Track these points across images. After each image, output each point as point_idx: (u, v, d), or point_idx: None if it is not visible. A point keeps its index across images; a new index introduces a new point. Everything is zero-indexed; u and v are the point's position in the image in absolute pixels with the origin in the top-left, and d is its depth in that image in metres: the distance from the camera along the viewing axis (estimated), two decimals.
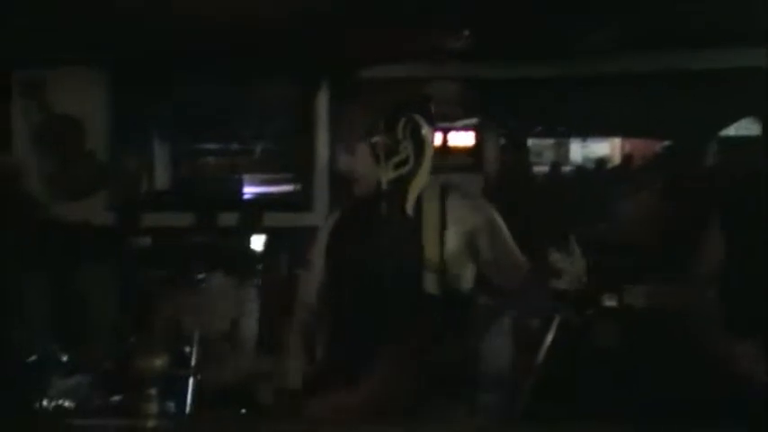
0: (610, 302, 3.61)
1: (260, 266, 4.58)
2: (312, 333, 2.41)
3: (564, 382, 3.21)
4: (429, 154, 2.18)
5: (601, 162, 7.32)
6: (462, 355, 2.18)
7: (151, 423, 1.60)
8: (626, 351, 3.60)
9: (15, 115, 4.62)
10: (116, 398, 3.04)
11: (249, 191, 5.18)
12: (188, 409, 2.98)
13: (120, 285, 4.54)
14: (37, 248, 4.01)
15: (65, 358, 3.11)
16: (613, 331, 3.63)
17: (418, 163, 2.16)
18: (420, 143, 2.16)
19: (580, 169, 7.44)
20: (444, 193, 2.24)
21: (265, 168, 5.22)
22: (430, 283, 2.15)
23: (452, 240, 2.19)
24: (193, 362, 3.10)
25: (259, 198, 5.10)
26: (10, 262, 3.89)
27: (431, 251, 2.17)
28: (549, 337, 2.97)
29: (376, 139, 2.14)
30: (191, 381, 3.07)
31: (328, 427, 1.78)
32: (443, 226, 2.19)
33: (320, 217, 4.61)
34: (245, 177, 5.25)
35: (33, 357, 3.06)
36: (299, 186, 4.95)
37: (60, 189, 4.58)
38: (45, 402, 2.97)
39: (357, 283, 2.24)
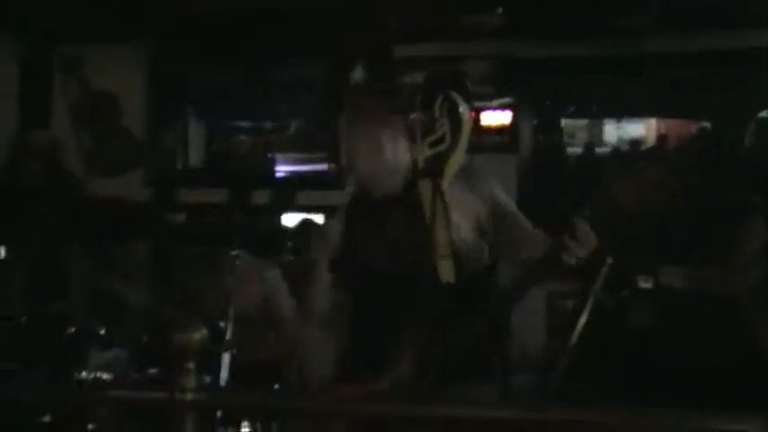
0: (645, 284, 3.59)
1: (292, 244, 4.60)
2: (334, 311, 2.37)
3: (598, 364, 3.20)
4: (466, 132, 2.13)
5: (636, 143, 7.24)
6: (487, 337, 2.15)
7: (189, 396, 1.62)
8: (661, 333, 3.58)
9: (54, 93, 4.68)
10: (153, 371, 3.10)
11: (282, 169, 5.19)
12: (222, 383, 3.02)
13: (156, 260, 4.60)
14: (75, 224, 4.07)
15: (102, 332, 3.17)
16: (649, 313, 3.60)
17: (455, 141, 2.12)
18: (457, 121, 2.12)
19: (614, 150, 7.37)
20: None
21: (299, 147, 5.22)
22: (447, 269, 2.13)
23: (462, 228, 2.17)
24: (228, 337, 3.14)
25: (292, 176, 5.11)
26: (50, 238, 3.95)
27: (443, 240, 2.14)
28: (583, 319, 2.96)
29: (413, 116, 2.10)
30: (225, 356, 3.11)
31: (358, 404, 1.78)
32: (448, 215, 2.16)
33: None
34: (279, 155, 5.27)
35: (72, 330, 3.12)
36: (332, 165, 4.95)
37: (97, 165, 4.64)
38: (83, 374, 3.03)
39: (376, 262, 2.22)
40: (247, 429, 3.10)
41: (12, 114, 4.61)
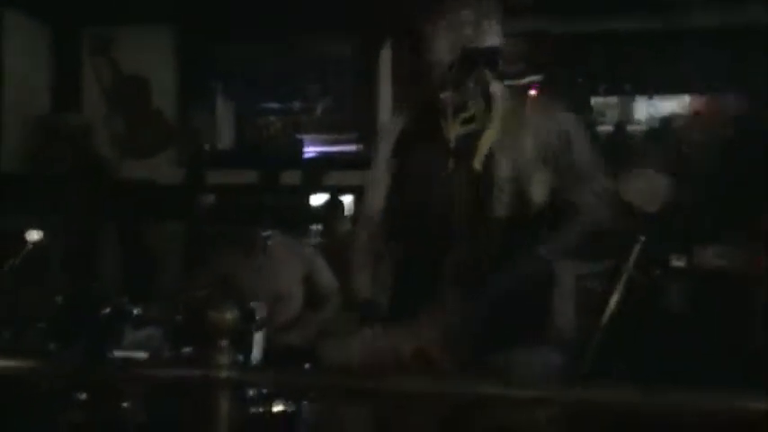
0: (678, 263, 3.55)
1: (322, 224, 4.63)
2: (376, 255, 2.32)
3: (630, 344, 3.18)
4: (498, 110, 2.09)
5: (668, 120, 7.13)
6: (540, 288, 2.06)
7: (224, 373, 1.64)
8: (694, 312, 3.55)
9: (86, 76, 4.72)
10: (186, 350, 3.14)
11: (311, 150, 5.20)
12: (255, 362, 3.05)
13: (187, 241, 4.65)
14: (108, 206, 4.12)
15: (136, 311, 3.20)
16: (681, 292, 3.57)
17: (487, 119, 2.07)
18: (489, 99, 2.08)
19: (646, 128, 7.28)
20: (523, 97, 2.16)
21: (328, 127, 5.23)
22: (500, 203, 2.06)
23: (529, 148, 2.09)
24: (259, 316, 3.17)
25: (321, 156, 5.12)
26: (83, 220, 4.01)
27: (503, 163, 2.07)
28: (615, 299, 2.94)
29: (444, 94, 2.06)
30: (257, 335, 3.14)
31: (390, 381, 1.79)
32: (519, 132, 2.09)
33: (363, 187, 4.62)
34: (308, 136, 5.28)
35: (107, 310, 3.16)
36: (361, 145, 4.95)
37: (129, 147, 4.69)
38: (118, 353, 3.07)
39: (421, 204, 2.16)
40: (279, 407, 3.14)
41: (44, 98, 4.66)
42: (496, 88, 2.10)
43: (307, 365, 3.47)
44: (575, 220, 2.04)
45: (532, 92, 5.12)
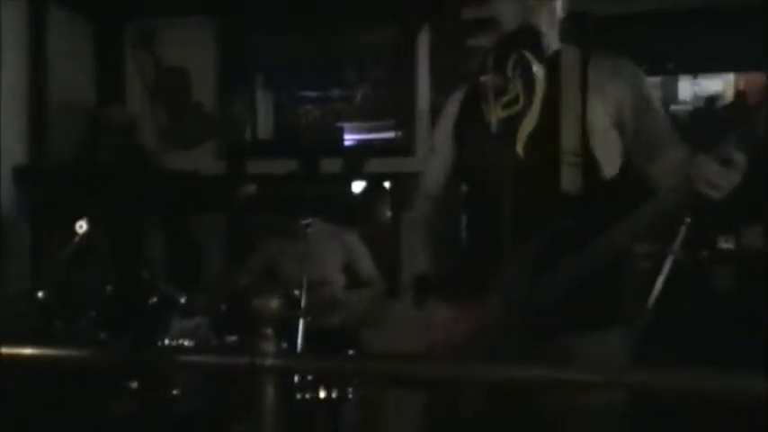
0: (726, 244, 3.49)
1: (364, 212, 4.64)
2: (435, 230, 2.29)
3: (677, 326, 3.14)
4: (540, 92, 2.03)
5: (712, 99, 7.00)
6: (611, 267, 1.96)
7: (269, 361, 1.65)
8: (742, 294, 3.49)
9: (129, 69, 4.78)
10: (231, 338, 3.18)
11: (350, 137, 5.21)
12: (299, 350, 3.08)
13: (230, 231, 4.70)
14: (153, 197, 4.17)
15: (183, 301, 3.25)
16: (729, 274, 3.51)
17: (529, 102, 2.02)
18: (530, 81, 2.02)
19: (690, 107, 7.16)
20: (585, 59, 2.07)
21: (367, 114, 5.22)
22: (571, 177, 1.98)
23: (596, 114, 2.01)
24: (303, 304, 3.19)
25: (361, 144, 5.13)
26: (130, 211, 4.07)
27: (569, 134, 1.99)
28: (661, 281, 2.90)
29: (485, 78, 2.02)
30: (301, 323, 3.16)
31: (436, 366, 1.78)
32: (585, 98, 2.01)
33: (423, 162, 4.61)
34: (347, 124, 5.29)
35: (154, 300, 3.21)
36: (400, 131, 4.95)
37: (171, 139, 4.74)
38: (165, 342, 3.12)
39: (483, 179, 2.10)
40: (324, 394, 3.16)
41: (89, 93, 4.73)
42: (538, 71, 2.04)
43: (350, 352, 3.51)
44: (654, 199, 1.92)
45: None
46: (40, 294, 2.96)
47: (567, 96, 2.03)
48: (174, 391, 3.04)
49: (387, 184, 4.76)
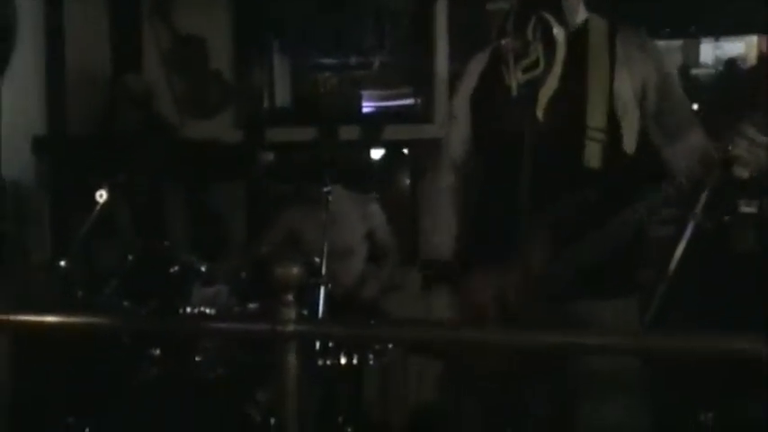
0: (748, 208, 3.45)
1: (383, 179, 4.64)
2: (457, 197, 2.29)
3: (698, 290, 3.13)
4: (561, 56, 2.00)
5: (734, 63, 6.90)
6: (630, 240, 1.96)
7: (290, 327, 1.67)
8: (765, 258, 3.46)
9: (145, 38, 4.77)
10: (252, 305, 3.20)
11: (369, 104, 5.20)
12: (320, 316, 3.10)
13: (251, 199, 4.71)
14: (173, 166, 4.19)
15: (203, 269, 3.27)
16: (751, 237, 3.47)
17: (549, 65, 1.99)
18: (551, 44, 1.99)
19: (712, 71, 7.07)
20: (613, 31, 2.06)
21: (385, 81, 5.20)
22: (594, 153, 1.98)
23: (623, 86, 2.01)
24: (323, 272, 3.21)
25: (379, 111, 5.11)
26: (149, 180, 4.09)
27: (596, 108, 1.98)
28: (682, 246, 2.89)
29: (505, 41, 2.00)
30: (321, 290, 3.18)
31: (454, 332, 1.79)
32: (612, 69, 2.00)
33: (441, 128, 4.60)
34: (365, 90, 5.27)
35: (176, 268, 3.23)
36: (419, 98, 4.92)
37: (189, 108, 4.74)
38: (187, 310, 3.15)
39: (503, 145, 2.09)
40: (345, 360, 3.19)
41: (106, 60, 4.73)
42: (559, 33, 2.01)
43: (371, 321, 3.53)
44: (671, 181, 1.92)
45: None
46: (61, 264, 2.98)
47: (596, 67, 2.02)
48: (197, 358, 3.07)
49: (405, 151, 4.75)
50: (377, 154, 4.83)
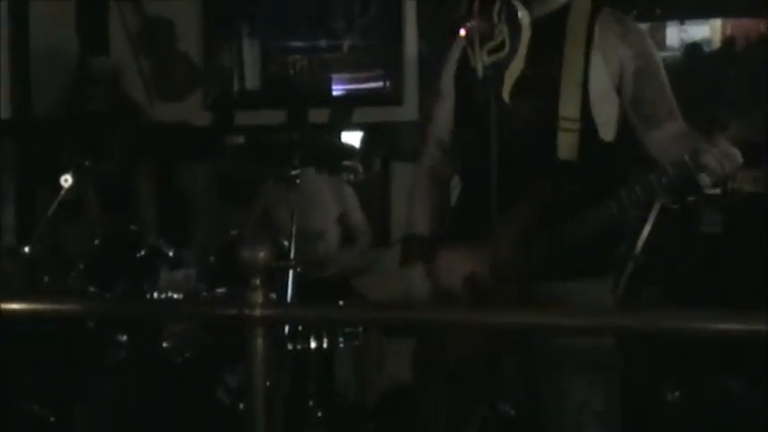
0: (712, 190, 3.49)
1: (352, 161, 4.62)
2: (442, 173, 2.30)
3: (664, 270, 3.17)
4: (525, 39, 1.99)
5: (699, 46, 6.94)
6: (605, 228, 1.93)
7: (258, 311, 1.66)
8: (729, 238, 3.50)
9: (112, 19, 4.71)
10: (221, 290, 3.18)
11: (339, 87, 5.17)
12: (288, 300, 3.09)
13: (219, 182, 4.68)
14: (141, 148, 4.15)
15: (171, 253, 3.24)
16: (716, 218, 3.51)
17: (514, 48, 1.98)
18: (516, 27, 1.98)
19: (677, 54, 7.10)
20: (594, 13, 2.03)
21: (355, 64, 5.17)
22: (568, 144, 1.97)
23: (598, 74, 1.99)
24: (292, 255, 3.19)
25: (349, 93, 5.09)
26: (117, 163, 4.05)
27: (568, 96, 1.97)
28: (649, 226, 2.91)
29: (470, 24, 1.99)
30: (290, 273, 3.17)
31: (429, 312, 1.79)
32: (588, 56, 1.98)
33: (410, 111, 4.59)
34: (335, 73, 5.24)
35: (142, 253, 3.20)
36: (388, 81, 4.91)
37: (158, 90, 4.69)
38: (155, 295, 3.12)
39: (474, 127, 2.07)
40: (314, 344, 3.18)
41: (72, 42, 4.66)
42: (524, 16, 1.99)
43: (341, 303, 3.52)
44: (654, 174, 1.87)
45: None
46: (26, 249, 2.94)
47: (570, 51, 2.00)
48: (165, 344, 3.05)
49: (375, 134, 4.74)
50: (348, 136, 4.82)
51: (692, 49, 6.78)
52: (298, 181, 3.30)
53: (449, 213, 2.27)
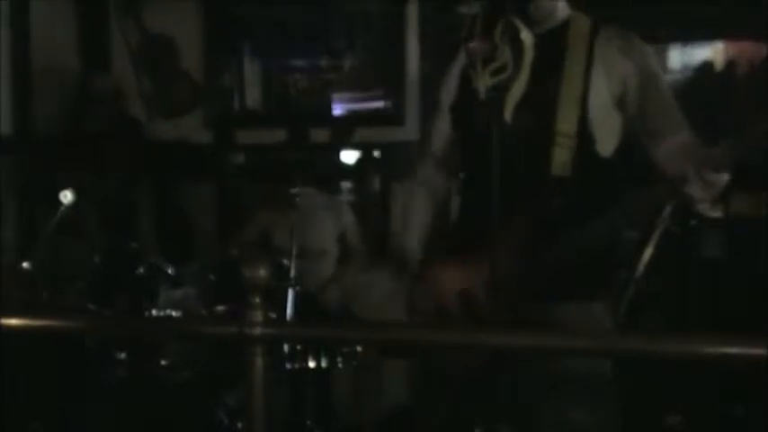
0: (714, 213, 3.49)
1: (353, 181, 4.63)
2: (436, 187, 2.29)
3: (665, 294, 3.16)
4: (528, 60, 1.99)
5: (701, 68, 6.97)
6: (600, 246, 1.94)
7: (257, 330, 1.65)
8: (731, 262, 3.50)
9: (113, 37, 4.72)
10: (220, 308, 3.17)
11: (340, 106, 5.19)
12: (288, 319, 3.08)
13: (219, 200, 4.68)
14: (141, 166, 4.15)
15: (170, 271, 3.24)
16: (718, 242, 3.51)
17: (517, 69, 1.97)
18: (519, 48, 1.97)
19: (679, 77, 7.13)
20: (595, 29, 2.03)
21: (356, 83, 5.19)
22: (560, 160, 1.96)
23: (598, 91, 1.98)
24: (292, 274, 3.19)
25: (350, 113, 5.10)
26: (117, 181, 4.04)
27: (566, 113, 1.96)
28: (650, 249, 2.91)
29: (472, 44, 1.99)
30: (290, 292, 3.16)
31: (422, 332, 1.78)
32: (588, 73, 1.97)
33: (412, 131, 4.59)
34: (336, 93, 5.25)
35: (141, 271, 3.20)
36: (389, 101, 4.92)
37: (158, 108, 4.70)
38: (154, 313, 3.12)
39: (473, 146, 2.07)
40: (313, 364, 3.17)
41: (73, 59, 4.67)
42: (527, 37, 2.00)
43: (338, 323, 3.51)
44: (659, 185, 1.90)
45: None
46: (25, 265, 2.93)
47: (570, 68, 2.00)
48: (164, 362, 3.04)
49: (376, 154, 4.75)
50: (348, 156, 4.82)
51: (695, 70, 6.80)
52: (297, 200, 3.31)
53: (444, 227, 2.26)
